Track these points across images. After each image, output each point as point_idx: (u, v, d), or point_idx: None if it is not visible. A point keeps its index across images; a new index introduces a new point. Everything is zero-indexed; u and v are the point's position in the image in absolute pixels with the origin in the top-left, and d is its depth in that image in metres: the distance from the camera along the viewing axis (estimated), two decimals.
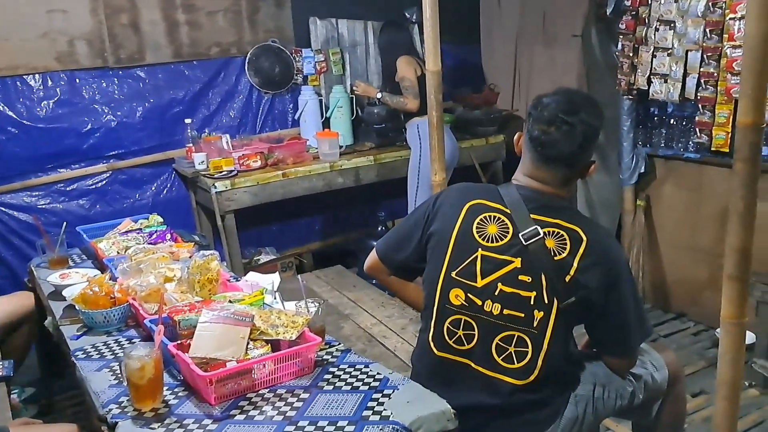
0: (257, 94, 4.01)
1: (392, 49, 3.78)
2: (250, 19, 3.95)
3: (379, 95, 3.78)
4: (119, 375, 1.62)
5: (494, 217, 1.65)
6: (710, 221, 3.42)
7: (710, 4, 3.05)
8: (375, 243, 1.96)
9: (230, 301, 1.84)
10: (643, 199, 3.79)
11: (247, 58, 3.93)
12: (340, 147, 3.84)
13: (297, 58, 4.06)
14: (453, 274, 1.65)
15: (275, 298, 2.03)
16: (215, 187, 3.37)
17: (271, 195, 3.53)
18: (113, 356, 1.79)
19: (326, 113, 4.04)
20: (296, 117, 4.07)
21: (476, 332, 1.63)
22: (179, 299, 1.88)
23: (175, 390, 1.59)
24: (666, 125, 3.61)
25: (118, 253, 2.41)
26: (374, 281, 2.43)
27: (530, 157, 1.67)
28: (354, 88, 3.90)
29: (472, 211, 1.68)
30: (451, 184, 3.84)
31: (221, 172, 3.44)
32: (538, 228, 1.59)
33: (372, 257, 1.90)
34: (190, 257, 2.17)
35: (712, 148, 3.22)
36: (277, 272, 2.30)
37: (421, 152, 3.60)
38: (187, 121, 3.68)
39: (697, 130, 3.26)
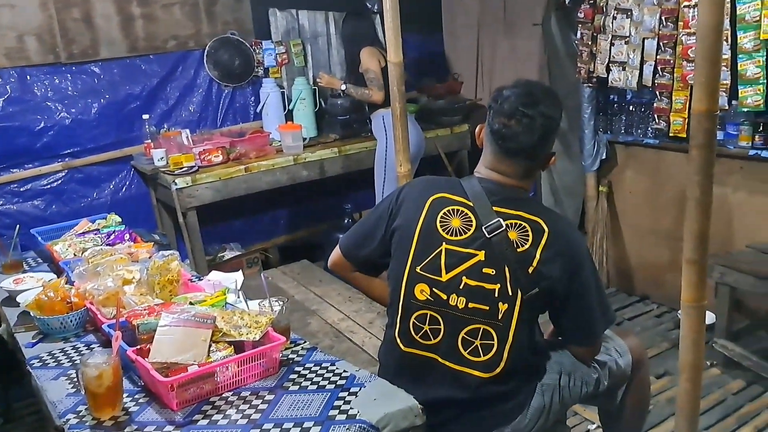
0: (217, 88, 3.94)
1: (355, 40, 3.74)
2: (208, 11, 3.86)
3: (343, 87, 3.73)
4: (77, 383, 1.57)
5: (457, 210, 1.65)
6: (670, 205, 3.48)
7: None
8: (341, 236, 1.94)
9: (191, 303, 1.80)
10: (605, 185, 3.84)
11: (206, 51, 3.85)
12: (304, 139, 3.80)
13: (257, 51, 4.00)
14: (418, 269, 1.64)
15: (239, 297, 1.99)
16: (176, 184, 3.30)
17: (234, 190, 3.47)
18: (71, 363, 1.73)
19: (289, 105, 3.99)
20: (258, 110, 4.00)
21: (442, 327, 1.62)
22: (138, 302, 1.84)
23: (136, 397, 1.56)
24: (626, 112, 3.66)
25: (74, 255, 2.34)
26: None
27: (491, 150, 1.67)
28: (318, 80, 3.85)
29: (435, 205, 1.67)
30: (418, 174, 3.85)
31: (182, 168, 3.37)
32: (501, 220, 1.59)
33: (336, 254, 1.88)
34: (149, 258, 2.12)
35: (671, 134, 3.28)
36: (241, 270, 2.25)
37: (387, 144, 3.59)
38: (145, 116, 3.59)
39: (656, 116, 3.32)
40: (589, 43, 3.56)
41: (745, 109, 2.92)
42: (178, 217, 3.38)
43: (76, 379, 1.59)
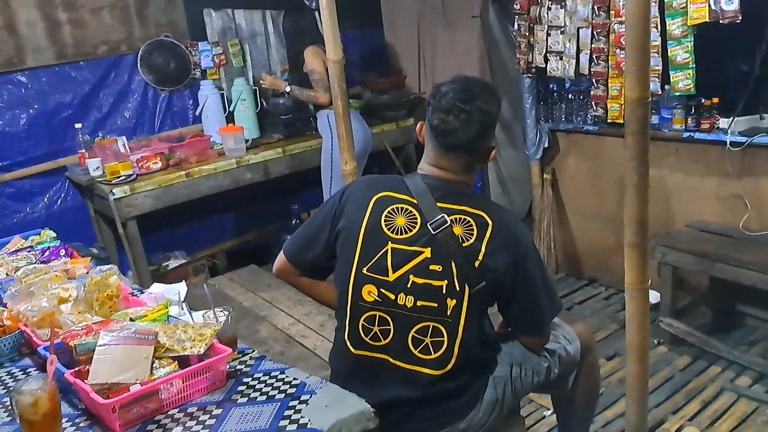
0: (153, 92, 3.83)
1: (297, 38, 3.67)
2: (140, 14, 3.74)
3: (288, 89, 3.65)
4: (12, 411, 1.49)
5: (402, 208, 1.64)
6: (612, 189, 3.56)
7: None
8: (285, 241, 1.90)
9: (131, 319, 1.74)
10: (549, 173, 3.90)
11: (139, 55, 3.73)
12: (247, 141, 3.73)
13: (193, 52, 3.90)
14: (364, 271, 1.62)
15: (182, 309, 1.93)
16: (113, 194, 3.18)
17: (176, 197, 3.38)
18: (5, 390, 1.65)
19: (229, 107, 3.91)
20: (197, 113, 3.91)
21: (392, 327, 1.61)
22: (76, 321, 1.76)
23: (77, 421, 1.49)
24: (565, 100, 3.72)
25: (7, 275, 2.23)
26: None
27: (432, 146, 1.67)
28: (261, 81, 3.77)
29: (379, 204, 1.66)
30: (366, 170, 3.82)
31: (119, 177, 3.26)
32: (445, 216, 1.59)
33: (280, 259, 1.84)
34: (87, 273, 2.04)
35: (609, 120, 3.35)
36: (184, 281, 2.18)
37: (332, 142, 3.55)
38: (78, 125, 3.46)
39: (593, 103, 3.38)
40: (527, 34, 3.60)
41: (677, 94, 3.00)
42: (117, 228, 3.26)
43: (11, 407, 1.51)
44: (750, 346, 2.94)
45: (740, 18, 2.68)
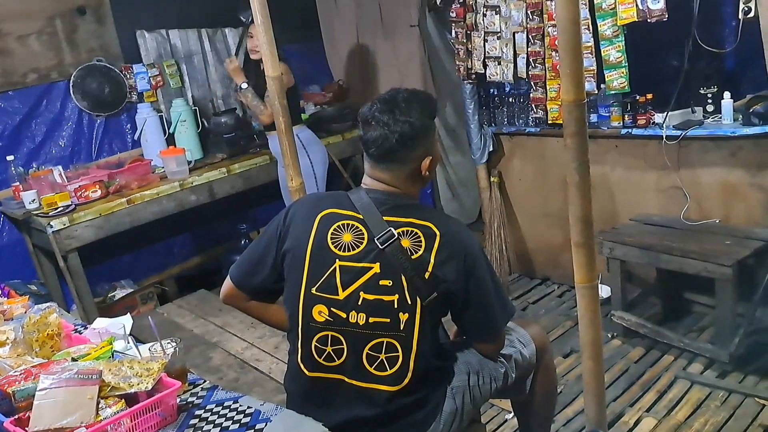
0: (88, 119, 3.71)
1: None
2: (69, 39, 3.63)
3: (244, 85, 3.45)
4: None
5: (348, 224, 1.62)
6: (557, 188, 3.62)
7: None
8: (232, 266, 1.85)
9: (73, 359, 1.66)
10: (496, 176, 3.94)
11: (71, 81, 3.61)
12: (189, 163, 3.64)
13: (128, 75, 3.80)
14: (313, 291, 1.59)
15: (128, 343, 1.86)
16: (51, 227, 3.06)
17: (118, 225, 3.27)
18: None
19: (169, 129, 3.82)
20: (136, 137, 3.80)
21: (345, 346, 1.58)
22: (15, 365, 1.67)
23: None
24: (506, 104, 3.77)
25: None
26: None
27: (366, 158, 1.68)
28: (227, 61, 3.55)
29: (324, 222, 1.63)
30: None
31: (56, 208, 3.14)
32: (392, 230, 1.57)
33: (227, 285, 1.79)
34: (25, 313, 1.94)
35: (549, 121, 3.41)
36: (129, 313, 2.11)
37: (311, 160, 3.48)
38: (9, 158, 3.32)
39: (534, 105, 3.44)
40: (464, 40, 3.63)
41: (613, 92, 3.07)
42: (58, 261, 3.14)
43: None
44: (699, 332, 3.02)
45: (667, 16, 2.76)
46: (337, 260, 1.59)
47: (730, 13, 2.94)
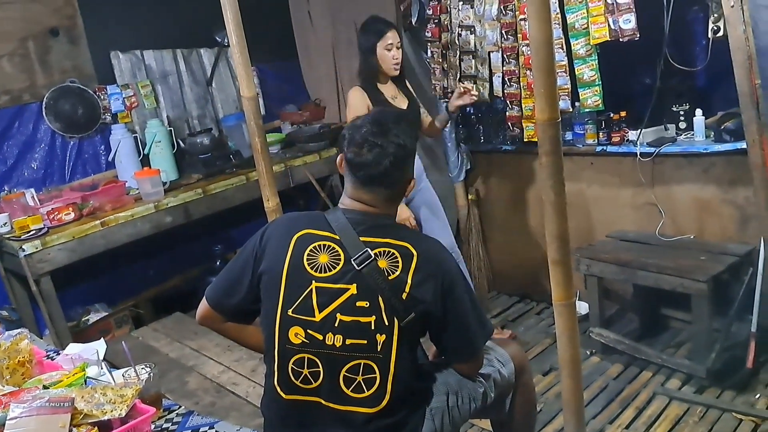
0: (61, 140, 3.65)
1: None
2: (42, 60, 3.58)
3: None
4: None
5: (324, 245, 1.60)
6: (534, 205, 3.65)
7: (502, 7, 3.25)
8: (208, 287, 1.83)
9: (45, 386, 1.62)
10: (474, 194, 3.96)
11: (44, 103, 3.56)
12: (164, 184, 3.60)
13: (102, 96, 3.76)
14: (289, 312, 1.58)
15: (102, 369, 1.82)
16: (23, 250, 2.99)
17: (92, 248, 3.20)
18: None
19: (144, 150, 3.78)
20: (110, 158, 3.75)
21: (321, 368, 1.56)
22: None
23: None
24: (483, 122, 3.81)
25: None
26: None
27: (349, 179, 1.66)
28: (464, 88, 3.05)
29: (300, 243, 1.62)
30: (292, 202, 3.70)
31: (29, 232, 3.08)
32: (369, 250, 1.56)
33: (203, 306, 1.77)
34: None
35: (525, 139, 3.44)
36: (102, 338, 2.06)
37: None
38: None
39: (510, 124, 3.46)
40: (440, 60, 3.66)
41: (588, 110, 3.11)
42: (30, 285, 3.07)
43: None
44: (676, 348, 3.04)
45: (638, 35, 2.82)
46: (313, 281, 1.57)
47: (701, 32, 3.01)
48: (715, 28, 2.65)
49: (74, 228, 3.17)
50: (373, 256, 1.56)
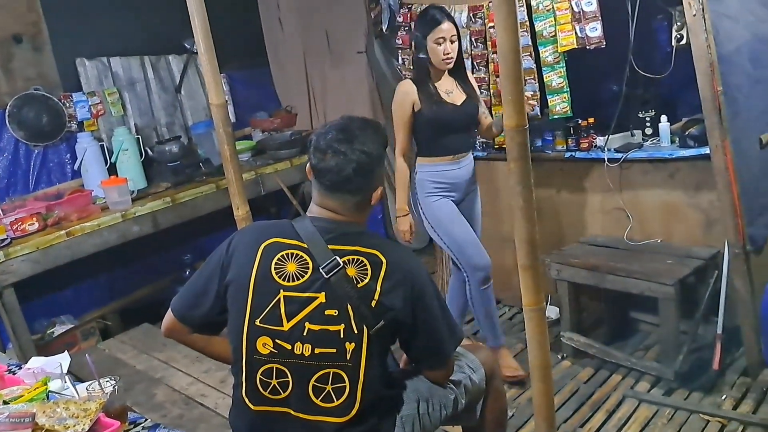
0: (25, 149, 3.57)
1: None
2: (5, 68, 3.51)
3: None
4: None
5: (292, 254, 1.59)
6: (506, 211, 3.66)
7: (472, 15, 3.27)
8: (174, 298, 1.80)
9: (5, 402, 1.58)
10: None
11: (7, 110, 3.48)
12: (132, 192, 3.55)
13: (67, 104, 3.69)
14: (257, 322, 1.56)
15: (65, 383, 1.78)
16: None
17: (57, 259, 3.14)
18: None
19: (111, 158, 3.71)
20: (76, 167, 3.68)
21: (290, 378, 1.55)
22: None
23: None
24: None
25: None
26: None
27: (316, 186, 1.66)
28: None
29: (268, 252, 1.60)
30: (264, 210, 3.65)
31: None
32: (338, 258, 1.55)
33: (168, 318, 1.73)
34: None
35: (495, 146, 3.46)
36: (67, 351, 2.01)
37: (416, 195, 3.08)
38: None
39: None
40: (411, 67, 3.66)
41: (556, 117, 3.15)
42: None
43: None
44: (645, 351, 3.08)
45: (605, 43, 2.86)
46: (281, 290, 1.56)
47: (665, 40, 3.06)
48: (679, 36, 2.70)
49: (38, 238, 3.10)
50: (341, 264, 1.55)
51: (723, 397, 2.63)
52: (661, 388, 2.77)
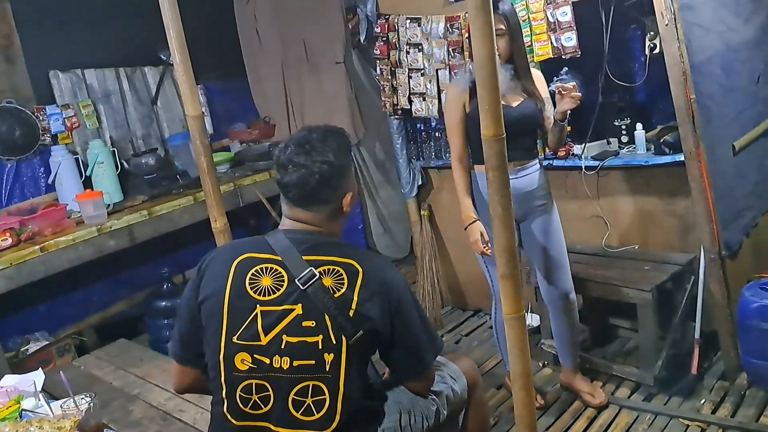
0: None
1: None
2: None
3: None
4: None
5: (267, 268, 1.58)
6: None
7: (449, 25, 3.30)
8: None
9: None
10: (426, 209, 3.97)
11: None
12: (108, 206, 3.49)
13: (41, 117, 3.63)
14: (234, 339, 1.54)
15: (39, 401, 1.75)
16: None
17: (31, 275, 3.06)
18: None
19: (86, 172, 3.66)
20: (50, 181, 3.62)
21: (271, 392, 1.53)
22: None
23: None
24: (433, 138, 3.83)
25: None
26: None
27: (284, 200, 1.66)
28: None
29: (241, 268, 1.59)
30: (244, 222, 3.59)
31: None
32: (313, 269, 1.54)
33: (175, 369, 1.69)
34: None
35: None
36: (41, 368, 1.98)
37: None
38: None
39: None
40: (389, 77, 3.68)
41: None
42: None
43: None
44: (625, 357, 3.10)
45: (580, 53, 2.89)
46: (258, 305, 1.54)
47: (639, 49, 3.11)
48: (652, 45, 2.75)
49: (11, 254, 3.03)
50: (317, 274, 1.54)
51: (702, 402, 2.65)
52: (641, 394, 2.78)
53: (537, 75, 2.67)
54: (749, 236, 2.86)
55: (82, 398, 1.63)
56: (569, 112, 2.53)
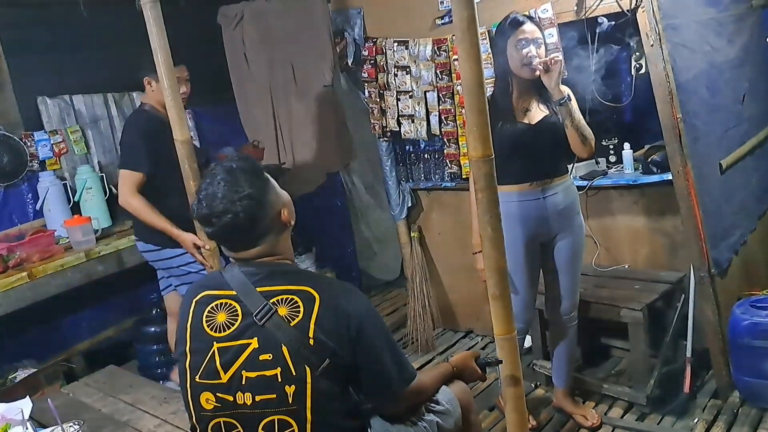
0: None
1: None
2: None
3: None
4: None
5: (222, 304, 1.57)
6: None
7: (436, 48, 3.33)
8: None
9: None
10: (416, 231, 3.98)
11: None
12: (96, 231, 3.48)
13: (29, 143, 3.62)
14: (197, 379, 1.54)
15: (27, 429, 1.71)
16: None
17: (18, 301, 3.03)
18: None
19: (74, 197, 3.64)
20: (38, 207, 3.59)
21: (240, 430, 1.52)
22: None
23: None
24: (422, 160, 3.85)
25: None
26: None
27: (225, 250, 1.66)
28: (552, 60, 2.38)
29: (198, 307, 1.59)
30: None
31: None
32: (266, 301, 1.52)
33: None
34: None
35: (464, 176, 3.50)
36: (28, 396, 1.95)
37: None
38: None
39: (448, 161, 3.52)
40: (378, 99, 3.71)
41: None
42: None
43: None
44: (617, 376, 3.09)
45: (567, 73, 2.92)
46: (214, 342, 1.53)
47: (625, 70, 3.15)
48: (638, 65, 2.79)
49: None
50: (271, 306, 1.51)
51: (695, 420, 2.64)
52: (635, 414, 2.78)
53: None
54: (738, 254, 2.88)
55: (70, 426, 1.62)
56: (561, 83, 2.41)
